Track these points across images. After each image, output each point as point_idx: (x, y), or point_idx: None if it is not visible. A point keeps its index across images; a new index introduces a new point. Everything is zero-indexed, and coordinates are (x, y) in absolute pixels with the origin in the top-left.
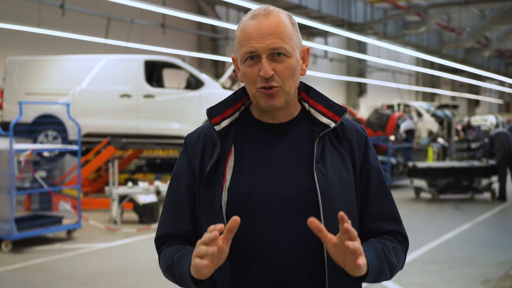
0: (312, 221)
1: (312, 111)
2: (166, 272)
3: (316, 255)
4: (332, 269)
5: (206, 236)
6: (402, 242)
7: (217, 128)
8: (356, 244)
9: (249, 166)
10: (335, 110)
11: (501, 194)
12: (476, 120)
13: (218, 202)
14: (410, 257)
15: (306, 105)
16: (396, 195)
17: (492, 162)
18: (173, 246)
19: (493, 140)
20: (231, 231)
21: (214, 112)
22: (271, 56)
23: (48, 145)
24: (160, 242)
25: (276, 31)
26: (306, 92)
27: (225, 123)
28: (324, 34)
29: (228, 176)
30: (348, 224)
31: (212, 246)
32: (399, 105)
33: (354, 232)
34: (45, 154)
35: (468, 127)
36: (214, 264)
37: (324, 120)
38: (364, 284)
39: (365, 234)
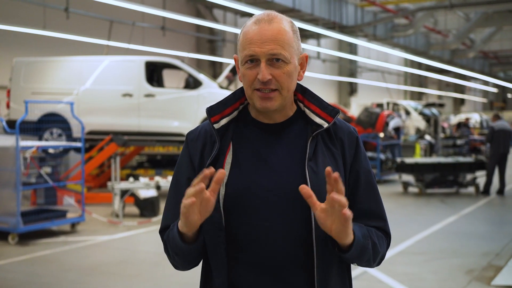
0: (303, 187)
1: (307, 111)
2: (170, 253)
3: (306, 247)
4: (320, 260)
5: (191, 189)
6: (384, 236)
7: (216, 126)
8: (343, 198)
9: (246, 163)
10: (329, 111)
11: (485, 188)
12: (461, 118)
13: (216, 195)
14: (398, 248)
15: (301, 106)
16: (385, 189)
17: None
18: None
19: (493, 134)
20: (218, 183)
21: (213, 111)
22: (270, 61)
23: (53, 142)
24: (164, 234)
25: (277, 38)
26: (302, 93)
27: (224, 121)
28: (317, 36)
29: (226, 171)
30: (336, 174)
31: (198, 197)
32: (388, 103)
33: (342, 185)
34: (50, 151)
35: (464, 125)
36: (202, 215)
37: (318, 120)
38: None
39: None
